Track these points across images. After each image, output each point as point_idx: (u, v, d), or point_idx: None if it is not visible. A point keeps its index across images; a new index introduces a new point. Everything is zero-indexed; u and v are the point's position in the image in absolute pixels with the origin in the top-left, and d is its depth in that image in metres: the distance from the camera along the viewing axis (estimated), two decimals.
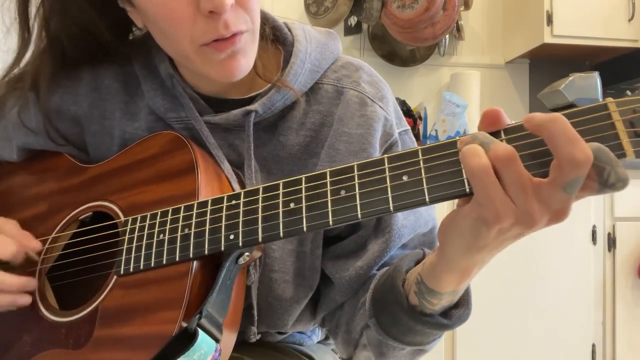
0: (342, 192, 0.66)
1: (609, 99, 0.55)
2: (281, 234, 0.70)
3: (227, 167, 0.90)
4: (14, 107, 1.02)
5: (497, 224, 0.57)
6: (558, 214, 0.57)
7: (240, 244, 0.73)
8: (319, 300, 1.00)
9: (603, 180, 0.53)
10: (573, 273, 2.88)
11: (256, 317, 0.91)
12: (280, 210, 0.70)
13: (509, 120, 0.61)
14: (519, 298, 2.85)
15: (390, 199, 0.63)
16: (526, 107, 3.77)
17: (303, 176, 0.70)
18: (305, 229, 0.68)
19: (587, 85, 3.17)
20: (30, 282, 0.90)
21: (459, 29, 3.57)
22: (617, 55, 3.51)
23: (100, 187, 0.94)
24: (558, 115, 0.53)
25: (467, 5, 3.46)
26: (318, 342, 1.18)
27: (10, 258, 0.89)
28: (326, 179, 0.68)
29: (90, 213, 0.94)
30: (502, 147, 0.55)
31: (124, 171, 0.93)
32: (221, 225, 0.74)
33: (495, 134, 0.59)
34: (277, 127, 0.95)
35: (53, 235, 0.95)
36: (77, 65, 1.00)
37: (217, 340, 0.73)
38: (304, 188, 0.69)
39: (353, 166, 0.67)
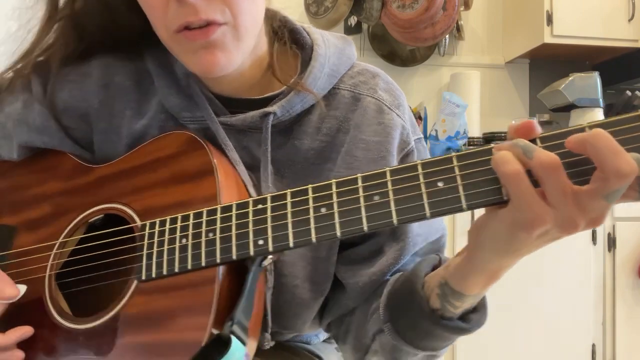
0: (376, 198, 0.65)
1: None
2: (314, 240, 0.69)
3: (242, 169, 0.89)
4: (15, 103, 1.00)
5: (536, 228, 0.58)
6: (595, 220, 0.58)
7: (271, 249, 0.71)
8: (327, 305, 0.99)
9: None
10: (573, 273, 2.89)
11: (270, 324, 0.90)
12: (312, 215, 0.69)
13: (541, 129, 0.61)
14: (518, 298, 2.85)
15: (426, 205, 0.63)
16: (526, 107, 3.79)
17: (333, 181, 0.69)
18: (339, 234, 0.67)
19: (587, 85, 3.21)
20: (22, 331, 0.86)
21: (459, 29, 3.59)
22: (617, 55, 3.52)
23: (109, 188, 0.92)
24: (600, 130, 0.54)
25: (467, 5, 3.49)
26: (323, 341, 1.19)
27: None
28: (357, 184, 0.67)
29: (101, 216, 0.91)
30: (546, 155, 0.56)
31: (136, 172, 0.90)
32: (248, 231, 0.73)
33: (532, 142, 0.60)
34: (292, 130, 0.94)
35: (60, 239, 0.92)
36: (91, 51, 0.99)
37: (245, 345, 0.73)
38: (335, 193, 0.68)
39: (385, 172, 0.66)
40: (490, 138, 3.24)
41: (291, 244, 0.70)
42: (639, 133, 0.55)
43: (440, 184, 0.63)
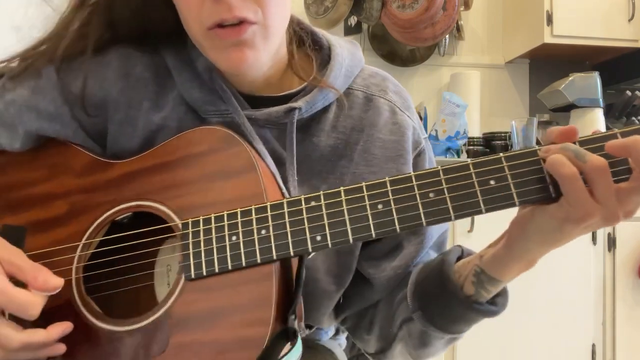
0: (431, 195, 0.72)
1: None
2: (373, 235, 0.74)
3: (270, 161, 0.92)
4: (18, 89, 0.97)
5: (585, 222, 0.68)
6: (630, 212, 0.69)
7: (330, 245, 0.76)
8: (347, 299, 1.05)
9: None
10: (573, 273, 2.92)
11: (303, 313, 0.94)
12: (369, 212, 0.75)
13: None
14: (519, 298, 2.79)
15: (481, 201, 0.71)
16: (526, 107, 3.83)
17: (387, 179, 0.75)
18: (398, 229, 0.73)
19: (587, 85, 3.24)
20: (63, 327, 0.82)
21: (459, 29, 3.64)
22: (617, 55, 3.56)
23: (136, 185, 0.90)
24: (638, 137, 0.65)
25: (467, 5, 3.54)
26: (329, 338, 1.23)
27: (37, 315, 0.79)
28: (412, 182, 0.74)
29: (130, 214, 0.90)
30: (597, 159, 0.66)
31: (166, 168, 0.89)
32: (304, 228, 0.77)
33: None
34: (310, 127, 0.99)
35: (84, 240, 0.90)
36: (111, 42, 1.00)
37: None
38: (390, 191, 0.75)
39: (438, 171, 0.73)
40: (490, 138, 3.28)
41: (350, 240, 0.75)
42: None
43: (492, 182, 0.71)
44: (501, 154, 0.71)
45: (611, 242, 2.96)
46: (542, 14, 3.27)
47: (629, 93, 3.31)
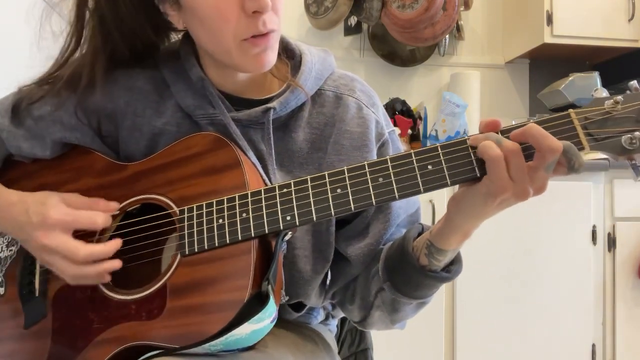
0: (380, 179, 0.92)
1: (571, 110, 0.85)
2: (332, 213, 0.94)
3: (251, 155, 1.12)
4: (44, 107, 1.18)
5: (501, 195, 0.86)
6: (539, 189, 0.87)
7: (297, 223, 0.96)
8: (332, 277, 1.26)
9: (571, 166, 0.84)
10: (573, 273, 3.02)
11: (284, 284, 1.12)
12: (330, 195, 0.94)
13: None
14: (519, 298, 2.99)
15: (420, 182, 0.90)
16: (526, 107, 3.93)
17: (345, 168, 0.95)
18: (353, 209, 0.93)
19: (587, 85, 3.32)
20: (116, 242, 1.07)
21: (459, 29, 3.74)
22: (617, 55, 3.66)
23: (144, 182, 1.12)
24: (532, 124, 0.85)
25: (467, 5, 3.63)
26: (319, 323, 1.42)
27: (103, 225, 1.08)
28: (365, 169, 0.93)
29: (139, 205, 1.11)
30: (512, 143, 0.85)
31: (168, 167, 1.10)
32: (277, 210, 0.97)
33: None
34: (288, 125, 1.19)
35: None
36: (121, 63, 1.19)
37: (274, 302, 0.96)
38: (347, 177, 0.94)
39: (386, 159, 0.93)
40: None
41: (314, 218, 0.95)
42: (568, 126, 0.86)
43: (429, 167, 0.90)
44: (437, 144, 0.90)
45: (611, 242, 3.06)
46: (542, 14, 3.36)
47: (629, 93, 3.32)
